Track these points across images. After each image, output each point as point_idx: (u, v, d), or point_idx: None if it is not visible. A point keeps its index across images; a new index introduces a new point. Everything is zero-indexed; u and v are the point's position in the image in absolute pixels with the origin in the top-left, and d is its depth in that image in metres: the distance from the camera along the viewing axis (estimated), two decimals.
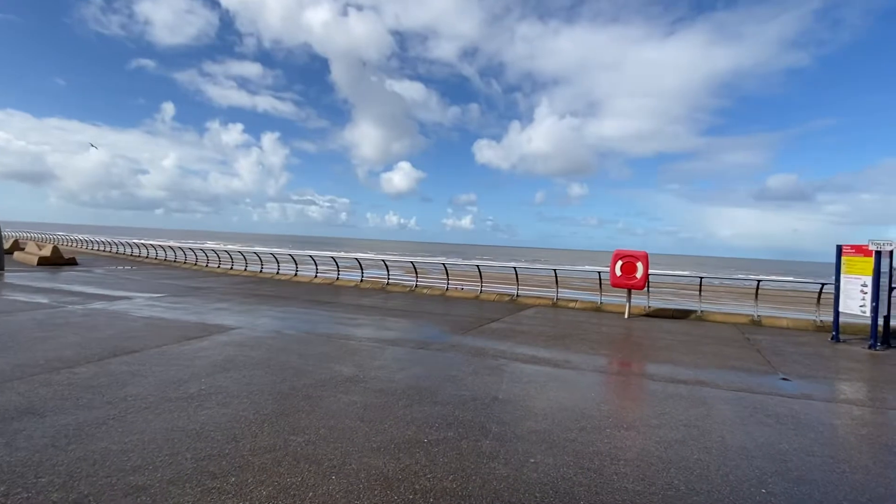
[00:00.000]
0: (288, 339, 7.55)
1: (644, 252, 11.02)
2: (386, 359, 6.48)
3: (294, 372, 5.58)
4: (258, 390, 4.82)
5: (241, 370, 5.56)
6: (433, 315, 10.78)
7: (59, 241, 40.36)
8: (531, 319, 10.67)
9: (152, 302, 11.15)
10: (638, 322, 10.92)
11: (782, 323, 10.93)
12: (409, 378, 5.52)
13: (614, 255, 11.22)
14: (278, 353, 6.54)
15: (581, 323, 10.42)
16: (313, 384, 5.11)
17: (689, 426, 4.32)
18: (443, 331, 8.89)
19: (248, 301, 11.88)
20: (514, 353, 7.12)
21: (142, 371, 5.34)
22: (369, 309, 11.39)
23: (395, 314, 10.72)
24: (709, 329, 10.29)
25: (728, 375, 6.37)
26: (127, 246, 29.27)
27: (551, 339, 8.39)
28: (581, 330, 9.54)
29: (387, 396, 4.79)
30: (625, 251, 11.17)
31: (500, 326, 9.57)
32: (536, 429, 4.08)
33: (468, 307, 12.38)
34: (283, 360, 6.11)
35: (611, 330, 9.76)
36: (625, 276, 11.06)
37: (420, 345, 7.50)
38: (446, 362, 6.42)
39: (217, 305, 10.94)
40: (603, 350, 7.78)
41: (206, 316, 9.44)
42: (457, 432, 3.91)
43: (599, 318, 11.19)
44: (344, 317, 10.05)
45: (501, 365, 6.40)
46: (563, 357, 7.05)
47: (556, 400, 4.95)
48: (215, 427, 3.82)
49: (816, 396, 5.55)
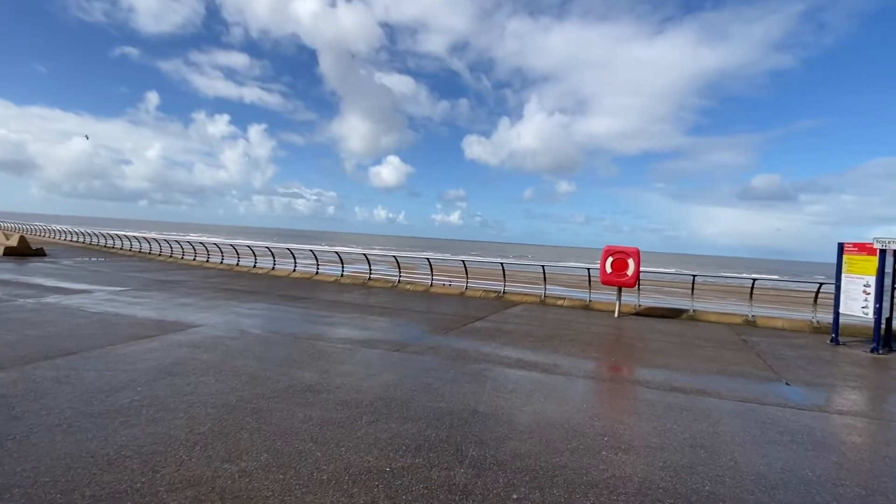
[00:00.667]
0: (250, 339, 6.87)
1: (636, 248, 10.51)
2: (356, 363, 5.84)
3: (248, 379, 4.92)
4: (200, 402, 4.16)
5: (188, 376, 4.88)
6: (414, 313, 10.16)
7: (34, 231, 38.88)
8: (518, 318, 10.11)
9: (112, 296, 10.35)
10: (628, 321, 10.42)
11: (778, 324, 10.52)
12: (378, 387, 4.89)
13: (605, 251, 10.70)
14: (236, 355, 5.87)
15: (570, 322, 9.88)
16: (267, 394, 4.46)
17: (695, 447, 3.77)
18: (423, 330, 8.27)
19: (216, 296, 11.13)
20: (499, 357, 6.54)
21: (70, 377, 4.64)
22: (346, 306, 10.73)
23: (374, 312, 10.08)
24: (702, 330, 9.83)
25: (729, 382, 5.85)
26: (102, 237, 28.12)
27: (538, 341, 7.83)
28: (570, 330, 8.99)
29: (350, 410, 4.16)
30: (616, 247, 10.65)
31: (485, 326, 8.98)
32: (521, 451, 3.49)
33: (452, 304, 11.78)
34: (238, 365, 5.44)
35: (601, 330, 9.24)
36: (615, 273, 10.55)
37: (396, 346, 6.87)
38: (423, 367, 5.81)
39: (182, 301, 10.18)
40: (593, 353, 7.23)
41: (167, 312, 8.70)
42: (427, 458, 3.30)
43: (589, 317, 10.67)
44: (317, 315, 9.38)
45: (484, 370, 5.80)
46: (552, 361, 6.48)
47: (543, 413, 4.37)
48: (135, 451, 3.16)
49: (829, 408, 5.05)
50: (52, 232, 35.69)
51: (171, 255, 22.39)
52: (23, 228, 41.19)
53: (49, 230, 36.43)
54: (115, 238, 27.01)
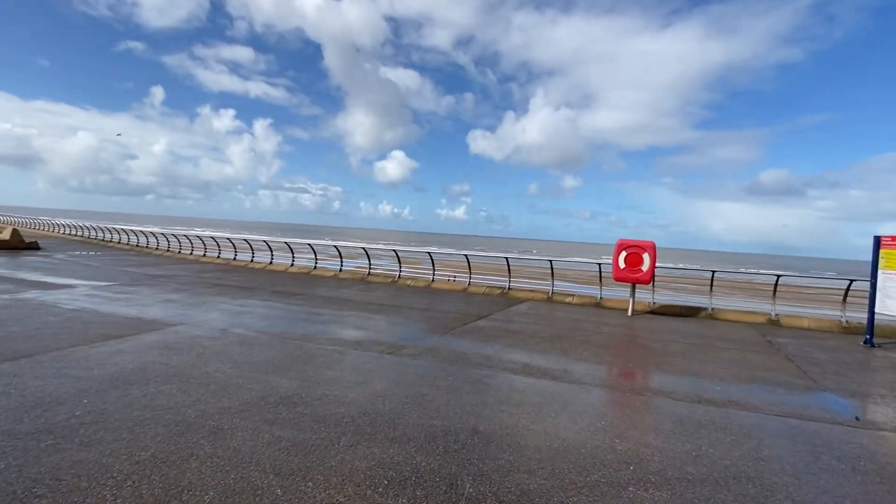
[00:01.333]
0: (232, 340, 6.26)
1: (651, 242, 9.81)
2: (343, 368, 5.22)
3: (216, 388, 4.30)
4: (152, 418, 3.54)
5: (147, 385, 4.28)
6: (413, 310, 9.53)
7: (35, 225, 38.59)
8: (523, 316, 9.45)
9: (95, 291, 9.80)
10: (643, 321, 9.74)
11: (803, 323, 9.80)
12: (365, 398, 4.26)
13: (618, 246, 10.01)
14: (210, 359, 5.26)
15: (580, 321, 9.21)
16: (233, 408, 3.84)
17: (739, 478, 3.11)
18: (421, 329, 7.64)
19: (206, 292, 10.56)
20: (503, 361, 5.89)
21: (10, 386, 4.04)
22: (342, 302, 10.11)
23: (370, 309, 9.45)
24: (723, 329, 9.13)
25: (764, 393, 5.18)
26: (101, 231, 27.70)
27: (547, 342, 7.17)
28: (580, 330, 8.33)
29: (327, 429, 3.54)
30: (629, 241, 9.95)
31: (488, 325, 8.33)
32: (529, 487, 2.84)
33: (454, 301, 11.14)
34: (209, 371, 4.83)
35: (614, 330, 8.56)
36: (629, 269, 9.86)
37: (390, 348, 6.24)
38: (418, 373, 5.17)
39: (168, 297, 9.61)
40: (608, 356, 6.57)
41: (148, 309, 8.12)
42: (412, 495, 2.67)
43: (600, 316, 9.99)
44: (310, 312, 8.77)
45: (486, 377, 5.16)
46: (562, 366, 5.83)
47: (556, 433, 3.73)
48: (50, 487, 2.55)
49: (885, 426, 4.37)
50: (51, 226, 35.37)
51: (168, 250, 21.89)
52: (24, 222, 40.94)
53: (49, 224, 36.11)
54: (114, 232, 26.58)
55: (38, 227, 37.32)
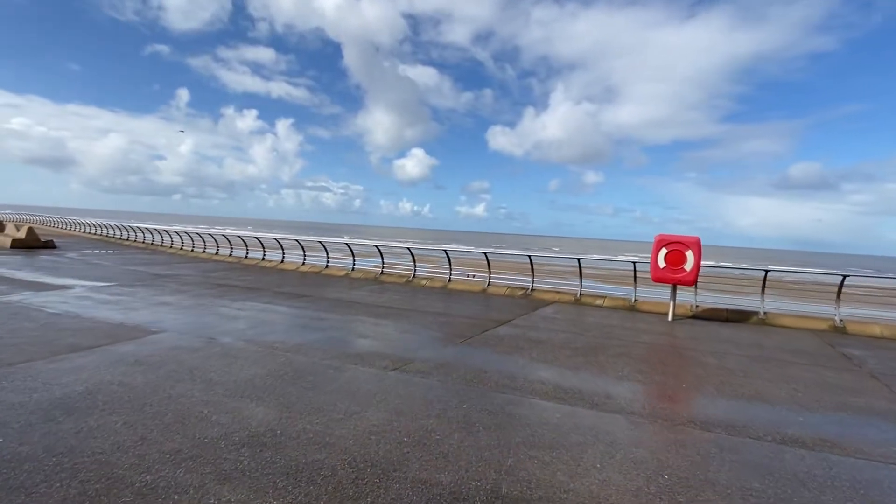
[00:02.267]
0: (215, 351, 5.45)
1: (696, 238, 8.66)
2: (336, 390, 4.33)
3: (172, 420, 3.46)
4: (70, 468, 2.70)
5: (90, 415, 3.46)
6: (426, 314, 8.61)
7: (59, 224, 39.13)
8: (550, 322, 8.44)
9: (89, 293, 9.19)
10: (686, 327, 8.61)
11: (874, 330, 8.52)
12: (354, 436, 3.36)
13: (657, 242, 8.89)
14: (181, 378, 4.44)
15: (614, 328, 8.15)
16: (183, 452, 2.98)
17: None
18: (433, 338, 6.72)
19: (207, 293, 9.85)
20: (529, 381, 4.92)
21: None
22: (350, 305, 9.26)
23: (379, 313, 8.57)
24: (782, 338, 7.95)
25: (861, 426, 4.09)
26: (121, 229, 27.70)
27: (580, 355, 6.16)
28: (617, 339, 7.28)
29: (295, 488, 2.64)
30: (671, 236, 8.82)
31: (510, 332, 7.36)
32: None
33: (472, 304, 10.19)
34: (174, 394, 4.00)
35: (655, 339, 7.48)
36: (670, 268, 8.73)
37: (396, 363, 5.34)
38: (425, 398, 4.25)
39: (164, 299, 8.92)
40: (655, 374, 5.53)
41: (138, 313, 7.42)
42: None
43: (636, 321, 8.90)
44: (311, 317, 7.94)
45: (509, 404, 4.21)
46: (602, 388, 4.83)
47: (605, 495, 2.75)
48: None
49: None
50: (75, 225, 35.73)
51: (182, 248, 21.53)
52: (49, 221, 41.62)
53: (73, 223, 36.51)
54: (133, 230, 26.48)
55: (63, 227, 37.81)
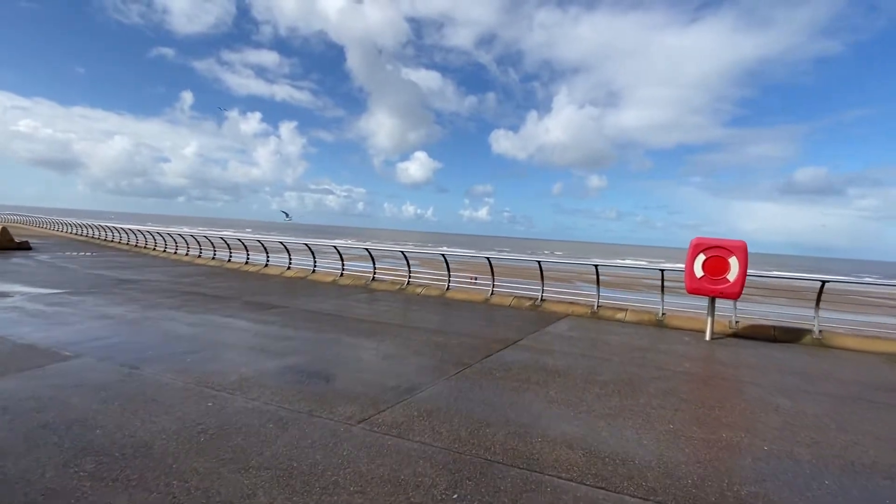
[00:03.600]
0: (127, 389, 4.05)
1: (741, 242, 7.21)
2: (264, 466, 2.91)
3: None
4: None
5: None
6: (418, 332, 7.18)
7: (47, 224, 37.99)
8: (566, 343, 7.00)
9: (25, 302, 7.84)
10: (731, 349, 7.15)
11: None
12: None
13: (693, 247, 7.44)
14: (46, 438, 3.03)
15: (646, 351, 6.70)
16: None
17: None
18: (422, 367, 5.29)
19: (164, 303, 8.46)
20: (550, 442, 3.48)
21: None
22: (328, 319, 7.85)
23: (361, 330, 7.15)
24: (855, 366, 6.48)
25: None
26: (106, 230, 26.49)
27: (612, 394, 4.72)
28: (652, 367, 5.83)
29: None
30: (710, 240, 7.37)
31: (519, 358, 5.92)
32: None
33: (473, 317, 8.75)
34: (7, 476, 2.59)
35: (700, 367, 6.03)
36: (709, 278, 7.28)
37: (367, 410, 3.91)
38: (396, 479, 2.82)
39: (110, 311, 7.54)
40: (720, 427, 4.06)
41: (65, 330, 6.06)
42: None
43: (668, 341, 7.44)
44: (277, 336, 6.52)
45: (524, 491, 2.77)
46: (653, 454, 3.38)
47: None
48: None
49: None
50: (63, 225, 34.58)
51: (164, 250, 20.20)
52: (38, 222, 40.54)
53: (60, 223, 35.39)
54: (120, 232, 25.25)
55: (50, 227, 36.68)
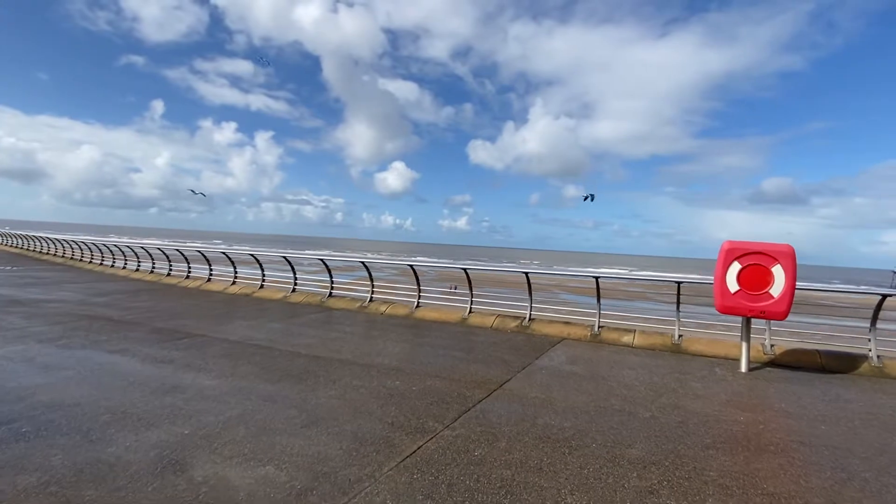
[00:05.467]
0: None
1: (787, 247, 5.61)
2: None
3: None
4: None
5: None
6: (370, 371, 5.33)
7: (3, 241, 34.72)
8: (568, 385, 5.23)
9: None
10: (779, 386, 5.49)
11: None
12: None
13: (725, 253, 5.80)
14: None
15: (675, 395, 4.98)
16: None
17: None
18: (358, 443, 3.44)
19: (40, 333, 6.41)
20: None
21: None
22: (250, 355, 5.93)
23: (291, 371, 5.25)
24: None
25: None
26: (46, 242, 23.92)
27: (655, 484, 2.96)
28: (695, 424, 4.11)
29: None
30: (747, 244, 5.75)
31: (507, 414, 4.13)
32: None
33: (445, 345, 6.94)
34: None
35: (758, 421, 4.33)
36: (747, 293, 5.64)
37: None
38: None
39: None
40: None
41: None
42: None
43: (697, 376, 5.76)
44: (160, 385, 4.57)
45: None
46: None
47: None
48: None
49: None
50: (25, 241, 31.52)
51: (101, 263, 17.87)
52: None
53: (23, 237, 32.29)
54: (57, 244, 22.71)
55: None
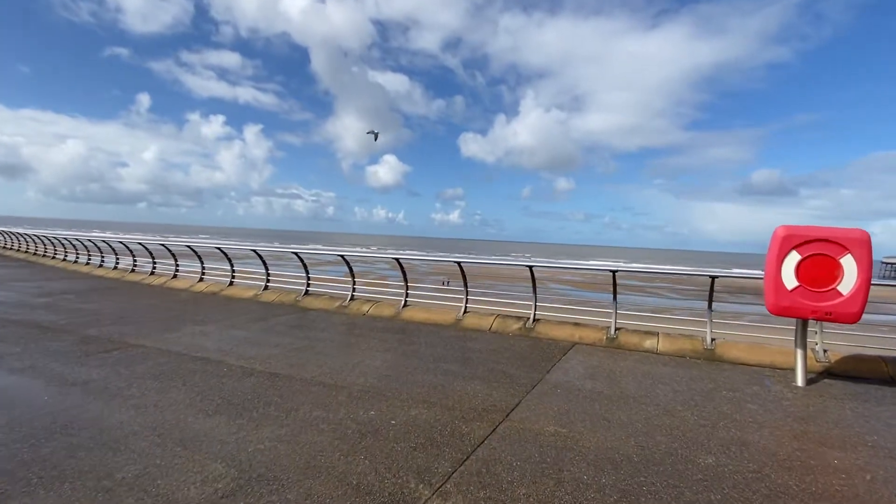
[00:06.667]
0: None
1: (861, 232, 4.51)
2: None
3: None
4: None
5: None
6: (338, 395, 4.16)
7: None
8: (592, 409, 4.12)
9: None
10: (855, 405, 4.41)
11: None
12: None
13: (781, 241, 4.70)
14: None
15: (731, 423, 3.88)
16: None
17: None
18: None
19: None
20: None
21: None
22: (190, 372, 4.74)
23: (232, 399, 4.08)
24: None
25: None
26: (9, 237, 22.41)
27: None
28: (764, 471, 3.01)
29: None
30: (808, 230, 4.65)
31: (517, 458, 2.99)
32: None
33: (436, 356, 5.80)
34: None
35: (848, 459, 3.25)
36: (808, 290, 4.55)
37: None
38: None
39: None
40: None
41: None
42: None
43: (748, 393, 4.67)
44: (39, 430, 3.39)
45: None
46: None
47: None
48: None
49: None
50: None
51: (64, 259, 16.52)
52: None
53: None
54: (25, 239, 21.23)
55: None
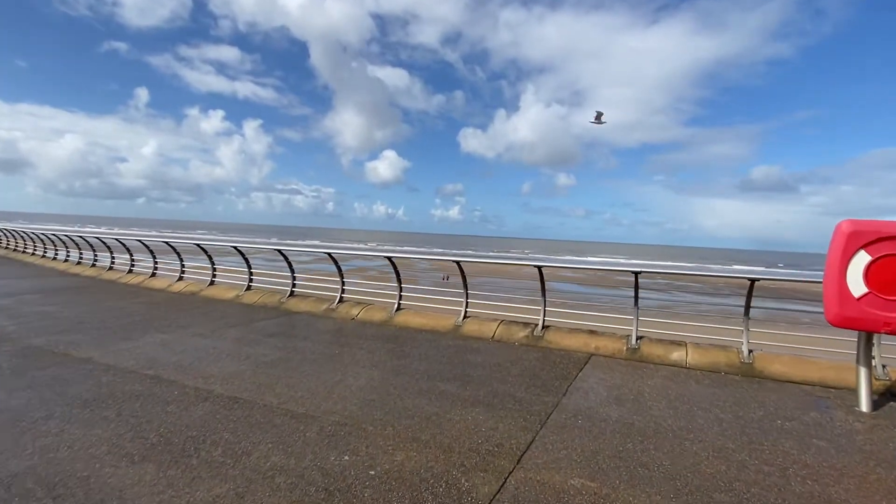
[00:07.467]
0: None
1: None
2: None
3: None
4: None
5: None
6: (310, 429, 3.37)
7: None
8: (621, 448, 3.32)
9: None
10: None
11: None
12: None
13: (847, 238, 3.89)
14: None
15: (798, 462, 3.08)
16: None
17: None
18: None
19: None
20: None
21: None
22: (123, 404, 3.94)
23: (170, 443, 3.27)
24: None
25: None
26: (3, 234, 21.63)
27: None
28: None
29: None
30: (882, 225, 3.84)
31: None
32: None
33: (431, 372, 4.99)
34: None
35: None
36: (881, 297, 3.75)
37: None
38: None
39: None
40: None
41: None
42: None
43: (806, 423, 3.87)
44: None
45: None
46: None
47: None
48: None
49: None
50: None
51: (42, 255, 15.74)
52: None
53: None
54: (6, 235, 20.41)
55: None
